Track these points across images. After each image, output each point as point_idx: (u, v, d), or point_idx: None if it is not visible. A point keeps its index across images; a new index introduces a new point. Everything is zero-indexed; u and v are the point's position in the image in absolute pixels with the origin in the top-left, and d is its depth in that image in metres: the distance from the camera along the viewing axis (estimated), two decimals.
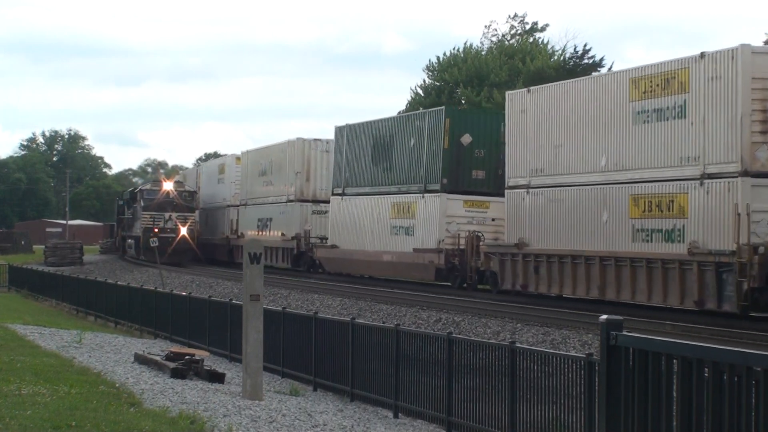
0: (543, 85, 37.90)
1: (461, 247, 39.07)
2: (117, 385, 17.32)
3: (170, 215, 66.75)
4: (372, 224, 45.29)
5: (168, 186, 68.37)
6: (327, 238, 50.72)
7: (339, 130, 49.47)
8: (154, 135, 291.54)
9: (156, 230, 64.66)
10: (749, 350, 7.56)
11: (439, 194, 40.42)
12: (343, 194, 48.31)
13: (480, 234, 39.16)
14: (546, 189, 34.56)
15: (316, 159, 55.11)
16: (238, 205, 65.51)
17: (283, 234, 55.05)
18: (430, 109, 38.23)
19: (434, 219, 40.48)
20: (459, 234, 39.59)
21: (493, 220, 39.89)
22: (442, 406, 16.02)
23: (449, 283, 40.09)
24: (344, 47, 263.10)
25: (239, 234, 63.69)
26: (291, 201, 55.41)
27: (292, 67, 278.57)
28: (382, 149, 44.96)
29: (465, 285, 38.70)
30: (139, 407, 14.92)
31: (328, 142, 53.64)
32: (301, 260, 53.17)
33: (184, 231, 65.68)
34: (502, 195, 37.40)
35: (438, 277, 40.74)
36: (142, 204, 67.91)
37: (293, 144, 55.95)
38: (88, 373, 18.84)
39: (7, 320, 31.17)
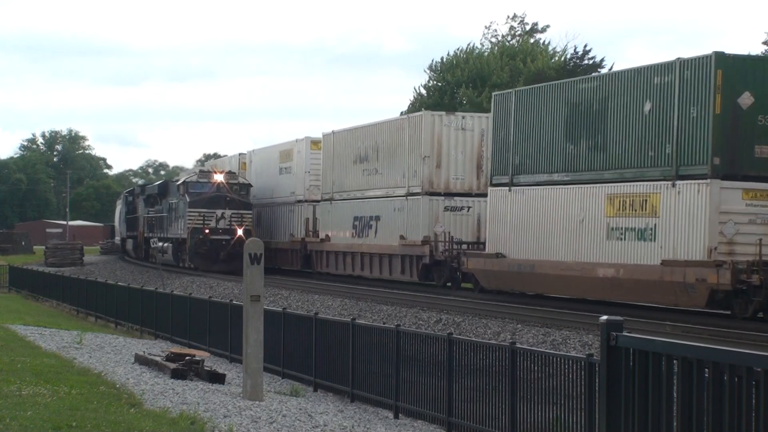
0: None
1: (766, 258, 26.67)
2: (117, 385, 17.32)
3: (223, 212, 55.39)
4: (571, 225, 32.46)
5: (219, 177, 56.76)
6: (476, 243, 40.04)
7: (503, 98, 36.86)
8: (154, 135, 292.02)
9: (207, 231, 54.55)
10: (749, 351, 7.57)
11: (707, 181, 28.08)
12: (511, 184, 35.44)
13: None
14: None
15: (449, 139, 41.82)
16: (317, 201, 53.06)
17: (403, 237, 42.40)
18: (683, 58, 28.53)
19: (699, 217, 28.34)
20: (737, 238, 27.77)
21: None
22: (443, 407, 16.02)
23: (733, 313, 27.50)
24: (344, 47, 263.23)
25: (323, 237, 51.05)
26: (414, 194, 42.48)
27: (292, 67, 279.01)
28: (585, 120, 32.42)
29: None
30: (139, 408, 14.93)
31: (463, 117, 42.55)
32: (435, 272, 41.14)
33: (240, 232, 54.33)
34: None
35: (714, 304, 28.11)
36: (188, 199, 55.88)
37: (417, 120, 42.78)
38: (89, 374, 18.84)
39: (7, 321, 31.18)
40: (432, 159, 41.80)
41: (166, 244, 59.76)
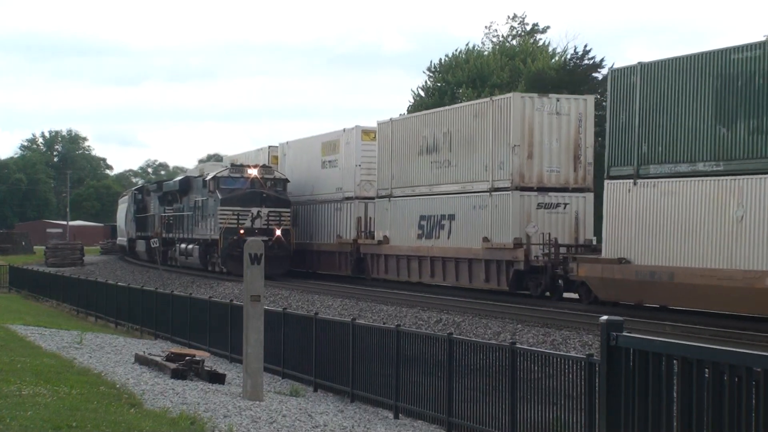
0: None
1: None
2: (117, 385, 17.32)
3: (259, 211, 49.65)
4: (725, 225, 26.72)
5: (253, 172, 51.02)
6: (576, 246, 35.02)
7: (623, 75, 30.81)
8: (154, 135, 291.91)
9: (241, 231, 48.54)
10: (749, 351, 7.57)
11: None
12: (636, 176, 29.71)
13: None
14: None
15: (542, 125, 36.29)
16: (370, 198, 47.38)
17: (487, 240, 36.75)
18: None
19: None
20: None
21: None
22: (443, 407, 16.02)
23: None
24: (344, 47, 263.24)
25: (380, 238, 45.07)
26: (501, 189, 36.70)
27: (292, 67, 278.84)
28: (743, 97, 26.48)
29: None
30: (139, 408, 14.93)
31: (558, 99, 37.03)
32: (530, 280, 35.34)
33: (278, 232, 49.31)
34: None
35: None
36: (219, 196, 50.05)
37: (504, 103, 37.01)
38: (89, 374, 18.85)
39: (7, 321, 31.19)
40: (522, 148, 36.12)
41: (190, 246, 54.25)
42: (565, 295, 34.19)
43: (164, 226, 60.29)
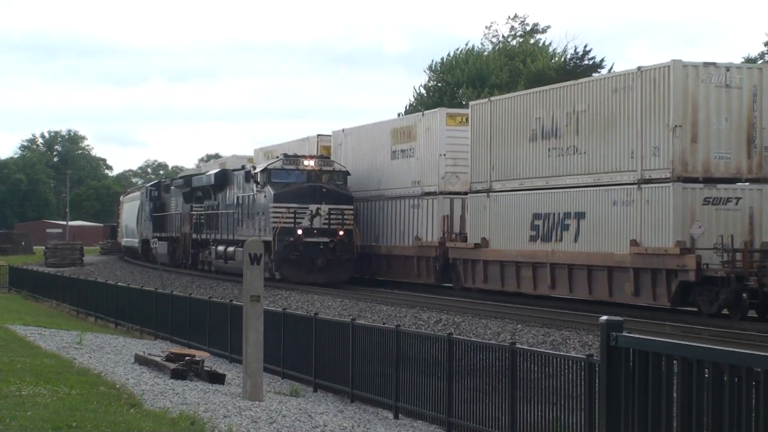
0: None
1: None
2: (117, 386, 17.33)
3: (318, 208, 42.99)
4: None
5: (311, 163, 44.43)
6: (751, 251, 28.02)
7: None
8: (154, 135, 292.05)
9: (299, 232, 42.52)
10: (749, 351, 7.57)
11: None
12: None
13: None
14: None
15: (708, 101, 29.28)
16: (456, 193, 40.36)
17: (635, 243, 29.70)
18: None
19: None
20: None
21: None
22: (443, 407, 16.02)
23: None
24: (344, 47, 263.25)
25: (476, 241, 37.12)
26: (654, 181, 29.71)
27: (292, 67, 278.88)
28: None
29: None
30: (139, 408, 14.93)
31: (728, 69, 29.68)
32: (702, 294, 28.01)
33: (341, 232, 43.10)
34: None
35: None
36: (272, 191, 43.51)
37: (660, 74, 29.75)
38: (89, 374, 18.85)
39: (7, 321, 31.18)
40: (685, 130, 29.13)
41: (231, 249, 47.53)
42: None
43: (193, 225, 54.51)
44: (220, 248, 49.13)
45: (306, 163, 44.31)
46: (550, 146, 33.88)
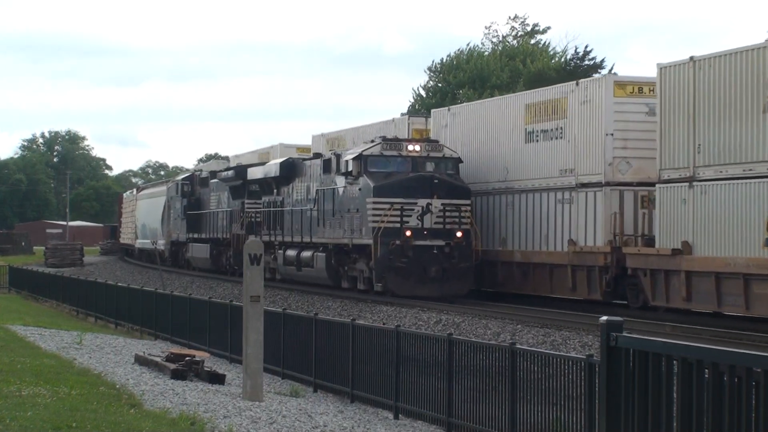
0: None
1: None
2: (117, 386, 17.34)
3: (429, 204, 34.70)
4: None
5: (416, 148, 35.77)
6: None
7: None
8: (153, 135, 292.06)
9: (408, 234, 34.41)
10: (749, 351, 7.57)
11: None
12: None
13: None
14: None
15: None
16: (630, 184, 31.48)
17: None
18: None
19: None
20: None
21: None
22: (443, 408, 16.02)
23: None
24: (344, 47, 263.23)
25: (673, 246, 27.67)
26: None
27: (292, 67, 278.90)
28: None
29: None
30: (139, 408, 14.94)
31: None
32: None
33: (459, 234, 34.88)
34: None
35: None
36: (371, 183, 35.16)
37: None
38: (89, 374, 18.86)
39: (7, 321, 31.19)
40: None
41: (307, 254, 39.70)
42: None
43: (246, 225, 46.33)
44: (290, 253, 41.10)
45: (411, 147, 35.75)
46: None
